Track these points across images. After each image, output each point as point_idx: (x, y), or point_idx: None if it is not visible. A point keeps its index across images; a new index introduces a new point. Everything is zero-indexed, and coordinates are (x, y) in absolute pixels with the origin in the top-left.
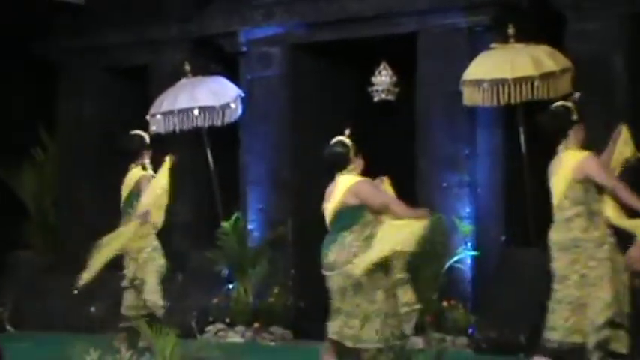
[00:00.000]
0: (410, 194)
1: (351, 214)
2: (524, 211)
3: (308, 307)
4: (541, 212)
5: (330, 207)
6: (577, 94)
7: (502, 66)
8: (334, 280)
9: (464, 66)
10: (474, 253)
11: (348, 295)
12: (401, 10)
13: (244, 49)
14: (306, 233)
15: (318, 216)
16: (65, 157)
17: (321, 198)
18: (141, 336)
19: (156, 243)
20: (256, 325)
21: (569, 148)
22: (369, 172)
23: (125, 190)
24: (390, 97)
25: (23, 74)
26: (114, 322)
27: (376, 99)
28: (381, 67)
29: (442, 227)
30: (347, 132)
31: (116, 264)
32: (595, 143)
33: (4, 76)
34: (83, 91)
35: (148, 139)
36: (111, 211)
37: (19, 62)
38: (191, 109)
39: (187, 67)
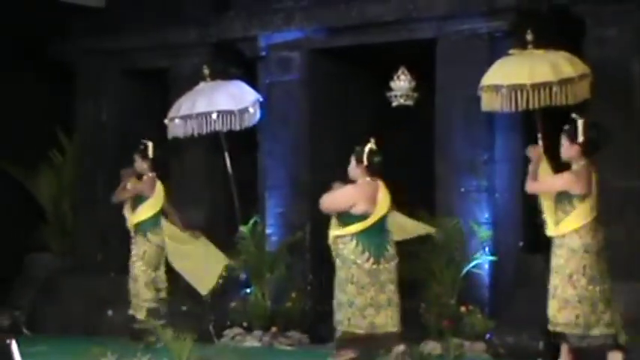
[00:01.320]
0: (428, 199)
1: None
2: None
3: (326, 311)
4: None
5: (381, 208)
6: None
7: (521, 72)
8: (386, 272)
9: (483, 71)
10: (492, 258)
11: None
12: (420, 15)
13: (264, 53)
14: (324, 238)
15: None
16: (83, 160)
17: None
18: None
19: None
20: (274, 329)
21: None
22: (390, 176)
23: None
24: (409, 103)
25: (42, 76)
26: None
27: (395, 104)
28: (400, 72)
29: (460, 232)
30: (372, 140)
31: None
32: (613, 149)
33: (22, 78)
34: (102, 94)
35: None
36: None
37: (38, 64)
38: (210, 113)
39: (206, 71)
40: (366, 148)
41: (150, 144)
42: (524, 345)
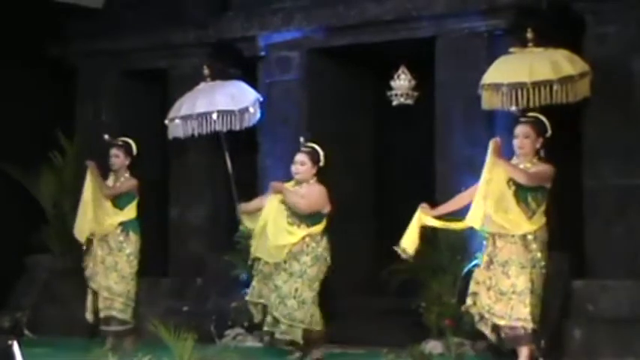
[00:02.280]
0: (428, 198)
1: None
2: (547, 215)
3: (326, 311)
4: (558, 215)
5: None
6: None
7: (521, 70)
8: None
9: (483, 70)
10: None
11: None
12: (420, 14)
13: (263, 53)
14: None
15: (337, 220)
16: (83, 162)
17: (338, 201)
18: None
19: None
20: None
21: None
22: (390, 175)
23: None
24: (409, 101)
25: (42, 78)
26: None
27: (395, 103)
28: (400, 71)
29: (461, 231)
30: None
31: None
32: (613, 147)
33: (22, 79)
34: (101, 95)
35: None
36: None
37: (38, 66)
38: (210, 113)
39: (206, 72)
40: (320, 150)
41: (132, 142)
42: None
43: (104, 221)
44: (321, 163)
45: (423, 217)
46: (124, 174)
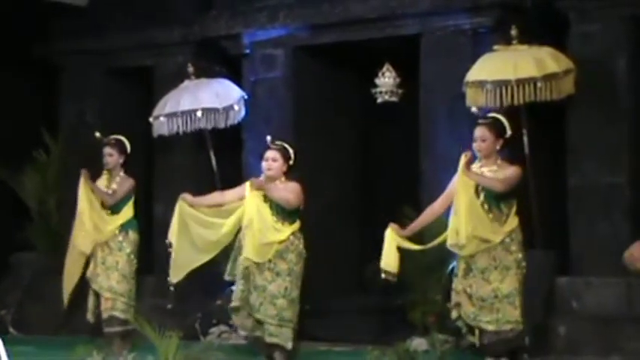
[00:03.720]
0: (413, 196)
1: None
2: (528, 213)
3: (312, 309)
4: (544, 213)
5: None
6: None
7: (505, 67)
8: None
9: (467, 67)
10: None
11: None
12: (404, 11)
13: (248, 51)
14: (308, 235)
15: (321, 217)
16: (68, 159)
17: (323, 200)
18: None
19: None
20: None
21: None
22: (375, 173)
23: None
24: (394, 99)
25: (26, 76)
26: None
27: (379, 100)
28: (385, 68)
29: (445, 228)
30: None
31: None
32: (597, 144)
33: (6, 78)
34: (86, 93)
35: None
36: None
37: (22, 64)
38: (194, 111)
39: (190, 69)
40: (290, 148)
41: (124, 139)
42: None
43: (104, 229)
44: (291, 162)
45: (396, 238)
46: (119, 173)
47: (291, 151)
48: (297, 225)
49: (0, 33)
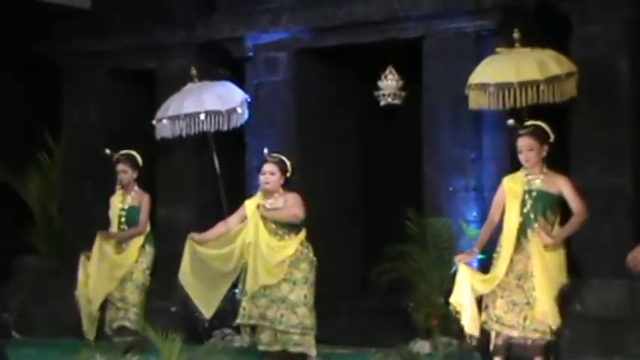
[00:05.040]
0: (416, 198)
1: None
2: None
3: (315, 311)
4: None
5: None
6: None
7: (508, 70)
8: None
9: (470, 70)
10: (480, 256)
11: None
12: (407, 14)
13: (251, 54)
14: (311, 237)
15: (325, 221)
16: (71, 162)
17: (326, 202)
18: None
19: None
20: None
21: None
22: (377, 176)
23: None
24: (397, 102)
25: (28, 78)
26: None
27: (382, 103)
28: (388, 71)
29: (448, 231)
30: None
31: None
32: (600, 146)
33: (9, 79)
34: (89, 96)
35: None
36: None
37: (25, 66)
38: (197, 113)
39: (194, 72)
40: (287, 160)
41: (134, 152)
42: (512, 343)
43: (119, 274)
44: (289, 174)
45: (468, 273)
46: (134, 188)
47: (288, 163)
48: (303, 234)
49: (3, 35)
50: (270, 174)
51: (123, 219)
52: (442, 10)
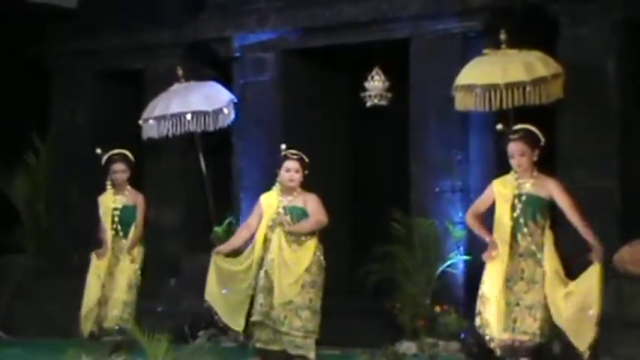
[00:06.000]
0: (402, 199)
1: None
2: None
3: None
4: None
5: None
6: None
7: (494, 71)
8: None
9: (456, 71)
10: (466, 258)
11: None
12: (394, 15)
13: (238, 54)
14: None
15: None
16: (57, 162)
17: None
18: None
19: None
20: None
21: None
22: (364, 176)
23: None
24: (383, 103)
25: (16, 78)
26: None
27: (369, 104)
28: (374, 72)
29: (435, 232)
30: None
31: None
32: (587, 148)
33: None
34: (76, 96)
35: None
36: None
37: (12, 66)
38: (184, 113)
39: (180, 72)
40: (306, 158)
41: (125, 151)
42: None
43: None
44: (307, 171)
45: None
46: (126, 187)
47: (306, 160)
48: (316, 237)
49: None
50: (295, 172)
51: (116, 218)
52: (430, 11)
